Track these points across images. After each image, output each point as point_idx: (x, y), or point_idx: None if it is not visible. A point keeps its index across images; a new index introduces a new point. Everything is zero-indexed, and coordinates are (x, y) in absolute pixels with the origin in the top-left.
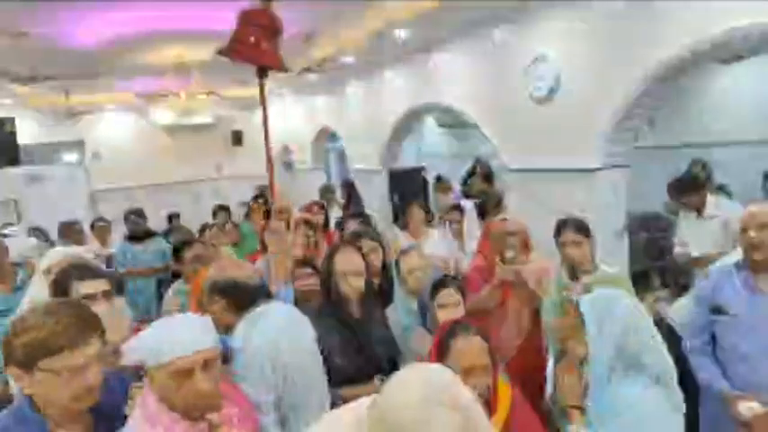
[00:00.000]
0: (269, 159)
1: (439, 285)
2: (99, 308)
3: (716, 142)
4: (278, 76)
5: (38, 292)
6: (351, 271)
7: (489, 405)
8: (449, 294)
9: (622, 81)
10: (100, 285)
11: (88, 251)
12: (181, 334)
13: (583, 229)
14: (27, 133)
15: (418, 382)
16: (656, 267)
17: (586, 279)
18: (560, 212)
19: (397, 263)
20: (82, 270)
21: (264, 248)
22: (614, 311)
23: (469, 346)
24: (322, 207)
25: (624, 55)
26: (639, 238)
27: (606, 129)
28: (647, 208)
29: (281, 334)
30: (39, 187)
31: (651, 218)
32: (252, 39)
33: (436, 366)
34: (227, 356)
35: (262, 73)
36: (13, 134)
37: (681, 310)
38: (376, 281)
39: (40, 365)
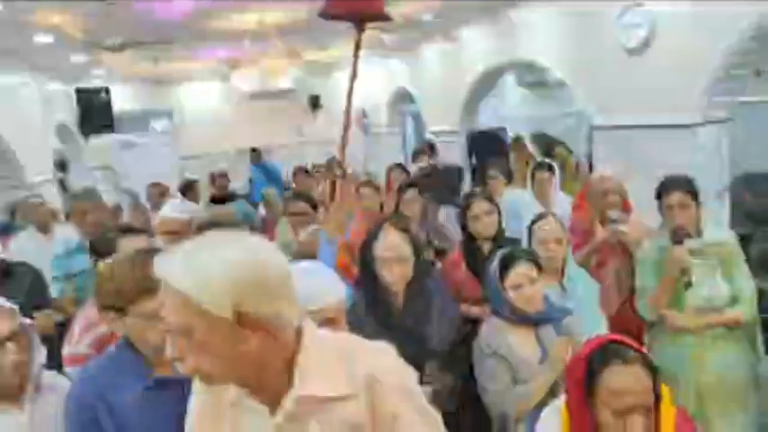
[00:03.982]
0: (347, 120)
1: (509, 263)
2: None
3: None
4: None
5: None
6: (394, 257)
7: None
8: (525, 271)
9: (726, 26)
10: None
11: None
12: (330, 282)
13: (692, 189)
14: (118, 102)
15: None
16: (761, 232)
17: (692, 243)
18: (655, 173)
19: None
20: None
21: None
22: None
23: (628, 383)
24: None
25: None
26: (742, 200)
27: (707, 80)
28: (752, 167)
29: None
30: (132, 153)
31: (756, 178)
32: None
33: None
34: None
35: (362, 26)
36: (108, 103)
37: None
38: (487, 247)
39: (130, 310)
